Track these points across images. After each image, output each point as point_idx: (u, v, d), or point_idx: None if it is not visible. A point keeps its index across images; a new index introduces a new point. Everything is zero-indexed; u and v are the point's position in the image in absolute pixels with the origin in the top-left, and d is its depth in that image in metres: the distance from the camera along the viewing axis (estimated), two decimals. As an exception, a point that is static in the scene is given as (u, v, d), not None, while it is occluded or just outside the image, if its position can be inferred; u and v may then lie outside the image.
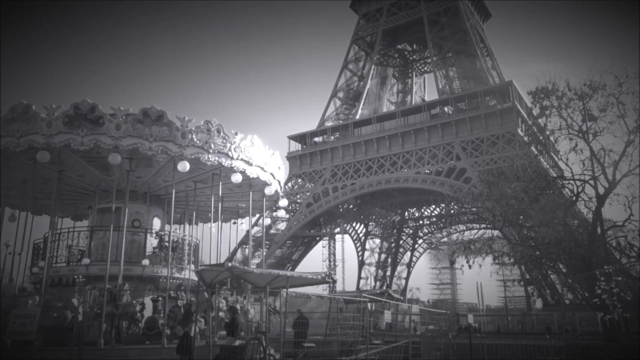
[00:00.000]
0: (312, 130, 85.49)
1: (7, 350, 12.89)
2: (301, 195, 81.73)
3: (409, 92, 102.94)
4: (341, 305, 19.86)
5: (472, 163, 66.35)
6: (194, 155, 14.98)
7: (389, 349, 17.97)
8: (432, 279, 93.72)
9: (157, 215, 19.10)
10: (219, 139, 15.60)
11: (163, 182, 18.01)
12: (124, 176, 16.15)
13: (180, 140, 14.79)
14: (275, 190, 18.95)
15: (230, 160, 15.82)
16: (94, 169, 16.35)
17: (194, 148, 15.05)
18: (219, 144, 15.57)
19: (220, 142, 15.62)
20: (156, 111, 14.70)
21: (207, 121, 15.57)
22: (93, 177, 17.04)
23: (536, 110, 23.15)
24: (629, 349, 15.15)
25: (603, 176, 20.44)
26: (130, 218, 17.75)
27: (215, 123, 15.67)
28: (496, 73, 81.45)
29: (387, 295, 47.87)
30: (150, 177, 17.38)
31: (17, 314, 13.26)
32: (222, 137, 15.68)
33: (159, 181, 17.89)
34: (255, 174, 16.80)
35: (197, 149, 15.11)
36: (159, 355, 13.68)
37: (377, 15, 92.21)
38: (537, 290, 57.89)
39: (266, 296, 13.45)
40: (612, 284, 15.19)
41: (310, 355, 16.50)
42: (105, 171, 16.48)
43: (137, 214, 18.23)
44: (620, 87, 20.04)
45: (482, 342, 18.87)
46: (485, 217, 25.94)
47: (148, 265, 16.94)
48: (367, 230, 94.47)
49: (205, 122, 15.51)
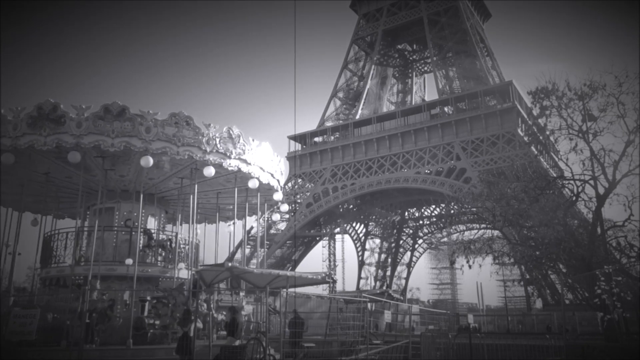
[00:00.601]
0: (312, 130, 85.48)
1: (7, 350, 12.90)
2: (301, 196, 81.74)
3: (409, 92, 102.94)
4: (341, 305, 19.86)
5: (472, 163, 66.34)
6: (160, 149, 14.44)
7: (389, 349, 17.97)
8: (432, 279, 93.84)
9: (152, 214, 18.76)
10: (189, 131, 15.10)
11: (149, 180, 17.77)
12: (105, 175, 16.04)
13: (144, 134, 14.37)
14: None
15: (204, 154, 15.37)
16: (74, 169, 15.93)
17: (161, 142, 14.55)
18: (189, 136, 15.07)
19: (192, 135, 15.11)
20: (118, 106, 14.39)
21: (172, 114, 15.06)
22: (78, 177, 16.62)
23: (536, 110, 23.18)
24: (629, 349, 15.16)
25: (603, 176, 20.47)
26: (122, 218, 17.78)
27: (184, 116, 15.19)
28: (496, 73, 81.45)
29: (387, 295, 47.87)
30: (134, 176, 17.07)
31: (17, 314, 13.27)
32: (192, 129, 15.19)
33: (144, 179, 17.63)
34: (235, 166, 16.27)
35: (164, 142, 14.64)
36: (161, 355, 13.69)
37: (377, 15, 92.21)
38: (537, 290, 57.86)
39: (266, 296, 13.44)
40: (612, 284, 15.21)
41: (310, 355, 16.50)
42: (88, 171, 16.26)
43: (129, 213, 18.09)
44: (620, 87, 20.08)
45: (482, 342, 18.87)
46: (485, 217, 25.97)
47: (132, 265, 16.51)
48: (367, 230, 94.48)
49: (171, 116, 14.94)
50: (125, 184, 17.80)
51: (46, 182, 16.72)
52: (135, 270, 15.67)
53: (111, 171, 16.26)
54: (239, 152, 16.14)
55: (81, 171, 15.51)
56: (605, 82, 20.48)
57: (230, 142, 15.89)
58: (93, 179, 17.06)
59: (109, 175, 16.68)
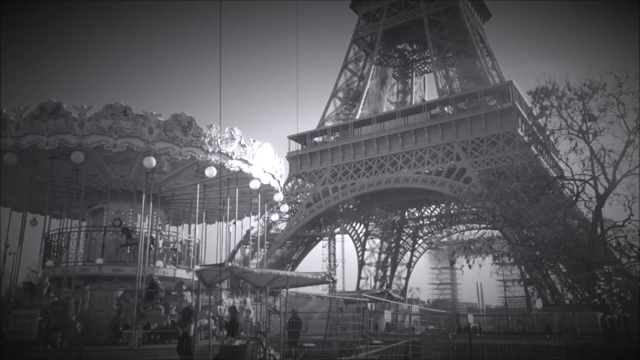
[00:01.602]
0: (312, 130, 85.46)
1: (7, 350, 12.90)
2: (301, 195, 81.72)
3: (409, 92, 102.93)
4: (341, 305, 19.85)
5: (472, 163, 66.34)
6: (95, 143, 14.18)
7: (389, 349, 17.96)
8: (432, 279, 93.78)
9: (140, 213, 18.20)
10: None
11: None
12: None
13: (78, 130, 14.21)
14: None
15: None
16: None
17: (96, 136, 14.30)
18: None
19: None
20: (52, 104, 14.32)
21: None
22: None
23: (536, 110, 23.16)
24: (629, 349, 15.17)
25: (603, 176, 20.45)
26: (110, 218, 17.81)
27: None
28: (496, 73, 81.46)
29: (387, 295, 47.94)
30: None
31: (17, 314, 13.26)
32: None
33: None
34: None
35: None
36: (162, 355, 13.68)
37: (377, 15, 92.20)
38: (537, 290, 57.89)
39: (266, 296, 13.44)
40: (612, 284, 15.21)
41: (310, 355, 16.51)
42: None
43: (118, 213, 18.08)
44: (620, 87, 20.06)
45: (482, 342, 18.87)
46: (485, 217, 25.95)
47: (104, 264, 16.55)
48: (367, 230, 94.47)
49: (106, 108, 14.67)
50: (126, 184, 17.80)
51: (45, 182, 16.64)
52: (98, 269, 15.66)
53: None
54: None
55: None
56: (605, 82, 20.47)
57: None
58: (94, 179, 17.07)
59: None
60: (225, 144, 15.70)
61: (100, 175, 16.83)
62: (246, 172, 16.42)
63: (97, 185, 17.73)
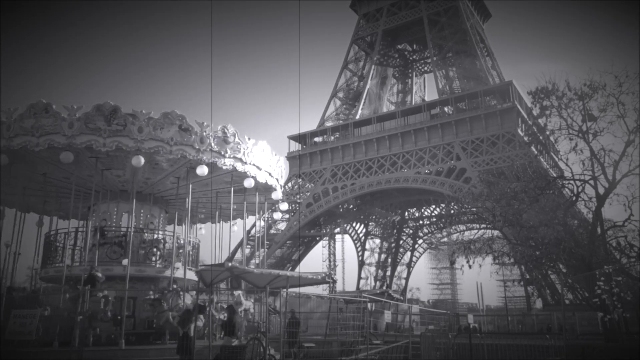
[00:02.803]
0: (312, 130, 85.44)
1: (7, 350, 12.89)
2: (301, 196, 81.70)
3: (409, 92, 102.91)
4: (341, 305, 19.86)
5: (472, 163, 66.32)
6: (85, 143, 14.18)
7: (389, 349, 17.96)
8: (432, 279, 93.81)
9: (126, 212, 18.26)
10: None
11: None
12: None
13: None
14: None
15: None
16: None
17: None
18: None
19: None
20: (42, 105, 14.35)
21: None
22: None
23: (536, 110, 23.15)
24: (629, 349, 15.15)
25: (603, 176, 20.44)
26: (98, 218, 17.87)
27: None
28: (496, 73, 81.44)
29: (387, 295, 47.90)
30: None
31: (17, 314, 13.26)
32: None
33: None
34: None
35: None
36: (162, 355, 13.68)
37: (377, 15, 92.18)
38: (537, 290, 57.88)
39: (266, 296, 13.43)
40: (612, 284, 15.20)
41: (310, 355, 16.50)
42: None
43: (104, 213, 18.06)
44: (620, 87, 20.05)
45: (482, 342, 18.85)
46: (485, 217, 25.94)
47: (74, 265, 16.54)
48: (367, 230, 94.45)
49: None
50: (123, 184, 17.77)
51: (45, 182, 16.67)
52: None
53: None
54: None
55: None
56: (605, 82, 20.45)
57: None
58: (90, 179, 17.06)
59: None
60: (217, 142, 15.53)
61: (96, 176, 16.81)
62: (240, 170, 16.25)
63: (96, 186, 17.73)
